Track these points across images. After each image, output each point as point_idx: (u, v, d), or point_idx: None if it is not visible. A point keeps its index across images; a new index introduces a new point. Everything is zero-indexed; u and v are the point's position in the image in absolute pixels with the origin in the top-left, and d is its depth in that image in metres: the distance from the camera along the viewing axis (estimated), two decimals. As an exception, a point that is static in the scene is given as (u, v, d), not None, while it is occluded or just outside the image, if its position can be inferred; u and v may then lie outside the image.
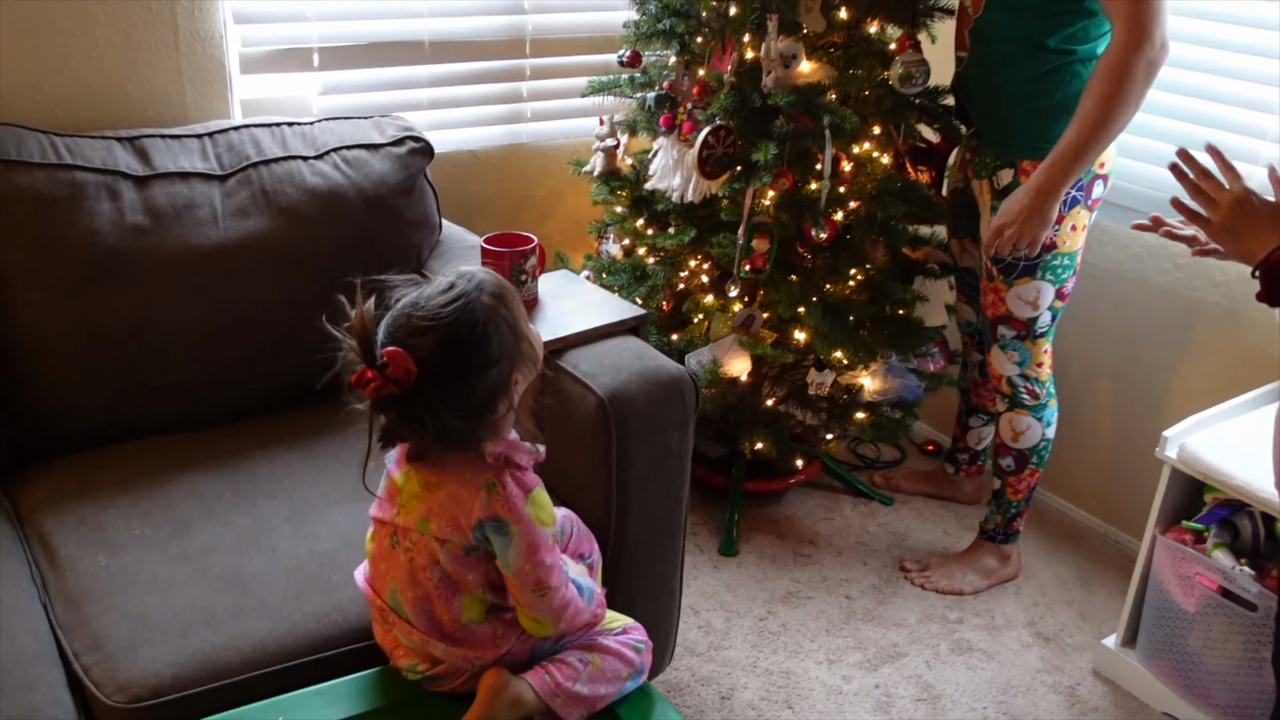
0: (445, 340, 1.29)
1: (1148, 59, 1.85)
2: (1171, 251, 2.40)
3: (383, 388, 1.27)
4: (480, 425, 1.35)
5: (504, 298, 1.37)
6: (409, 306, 1.33)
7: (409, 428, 1.33)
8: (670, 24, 2.21)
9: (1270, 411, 2.07)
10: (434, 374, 1.28)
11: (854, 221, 2.24)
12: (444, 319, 1.29)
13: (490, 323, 1.32)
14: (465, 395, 1.31)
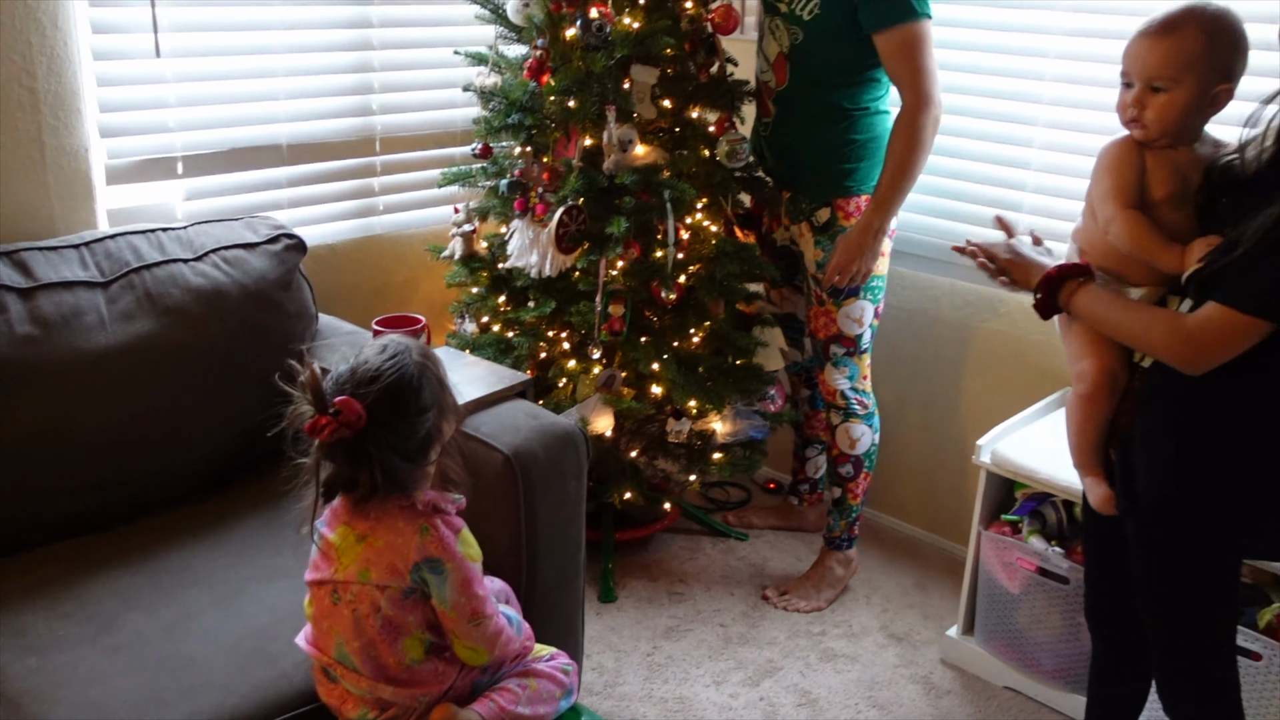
0: (389, 387, 1.46)
1: (932, 116, 2.31)
2: (961, 290, 2.79)
3: (337, 431, 1.42)
4: (418, 467, 1.51)
5: (431, 356, 1.56)
6: (351, 367, 1.49)
7: (358, 468, 1.47)
8: (518, 118, 2.43)
9: (1057, 416, 2.45)
10: (380, 417, 1.45)
11: (696, 283, 2.50)
12: (386, 370, 1.47)
13: (423, 375, 1.50)
14: (407, 436, 1.48)
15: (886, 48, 2.31)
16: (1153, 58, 1.55)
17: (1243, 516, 1.53)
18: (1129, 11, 2.34)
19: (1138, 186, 1.60)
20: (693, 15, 2.45)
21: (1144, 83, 1.57)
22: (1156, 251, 1.55)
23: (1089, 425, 1.69)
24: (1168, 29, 1.55)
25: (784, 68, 2.48)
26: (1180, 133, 1.59)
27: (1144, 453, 1.59)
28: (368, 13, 2.59)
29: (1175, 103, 1.55)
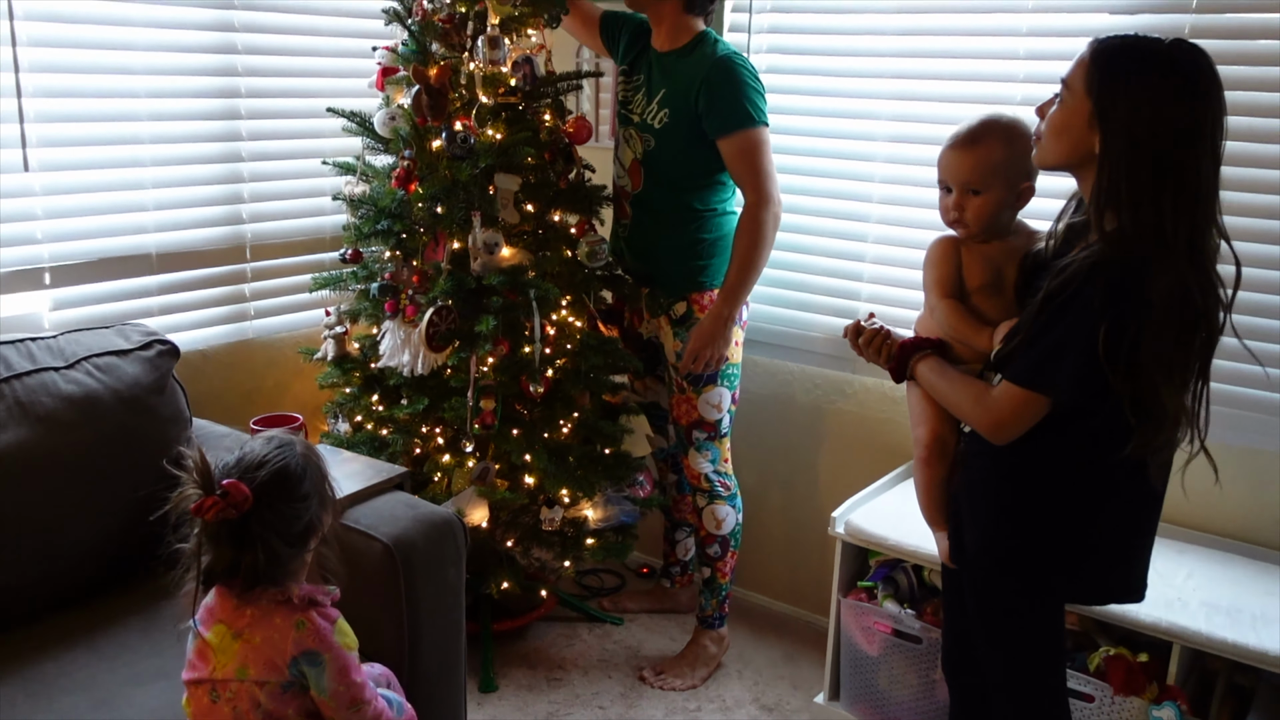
0: (275, 473, 1.54)
1: (773, 214, 2.54)
2: (811, 375, 2.99)
3: (223, 511, 1.48)
4: (299, 553, 1.58)
5: (313, 450, 1.64)
6: (238, 455, 1.57)
7: (241, 551, 1.52)
8: (387, 224, 2.55)
9: (903, 487, 2.64)
10: (266, 500, 1.52)
11: (563, 375, 2.63)
12: (272, 457, 1.55)
13: (307, 465, 1.59)
14: (291, 521, 1.56)
15: (729, 152, 2.53)
16: (965, 166, 1.80)
17: (1055, 561, 1.72)
18: (942, 120, 2.63)
19: (956, 278, 1.83)
20: (550, 127, 2.62)
21: (960, 187, 1.80)
22: (969, 334, 1.76)
23: (929, 485, 1.88)
24: (972, 141, 1.80)
25: (639, 173, 2.68)
26: (995, 227, 1.82)
27: (967, 507, 1.78)
28: (238, 126, 2.69)
29: (990, 202, 1.80)
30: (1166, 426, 1.54)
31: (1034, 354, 1.58)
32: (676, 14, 2.58)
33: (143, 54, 2.46)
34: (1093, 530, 1.67)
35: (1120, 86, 1.50)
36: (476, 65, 2.50)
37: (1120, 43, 1.53)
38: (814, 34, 2.85)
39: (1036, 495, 1.69)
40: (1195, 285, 1.49)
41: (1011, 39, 2.52)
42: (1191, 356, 1.53)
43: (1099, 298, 1.49)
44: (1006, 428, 1.63)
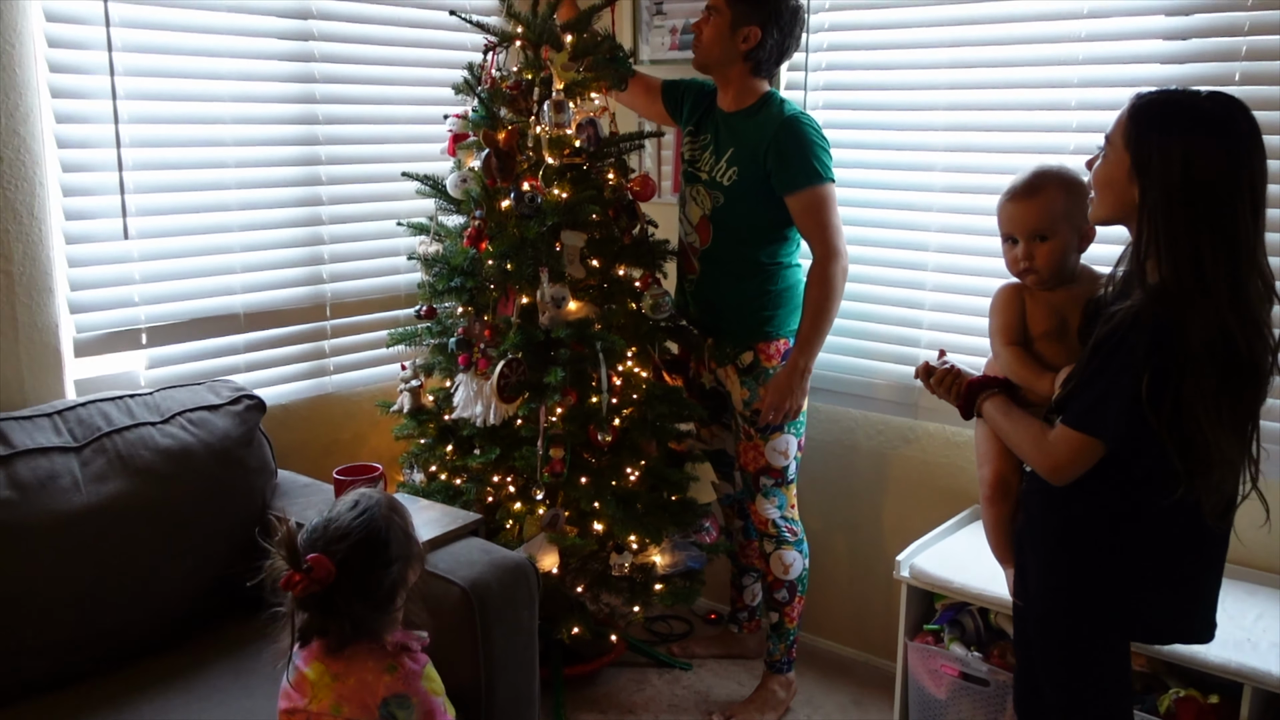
0: (357, 544, 1.61)
1: (841, 267, 2.62)
2: (873, 421, 3.03)
3: (309, 587, 1.56)
4: (386, 613, 1.65)
5: (398, 508, 1.72)
6: (324, 523, 1.65)
7: (329, 619, 1.61)
8: (459, 281, 2.66)
9: (968, 531, 2.67)
10: (349, 573, 1.59)
11: (630, 425, 2.70)
12: (356, 528, 1.62)
13: (390, 529, 1.66)
14: (374, 588, 1.63)
15: (797, 208, 2.62)
16: (1031, 215, 1.86)
17: (1113, 599, 1.74)
18: (995, 169, 2.68)
19: (1019, 325, 1.88)
20: (614, 185, 2.72)
21: (1027, 236, 1.87)
22: (1031, 379, 1.81)
23: (995, 523, 1.94)
24: (1032, 191, 1.87)
25: (707, 229, 2.77)
26: (1063, 273, 1.88)
27: (1028, 544, 1.82)
28: (318, 191, 2.83)
29: (1057, 247, 1.87)
30: (1215, 470, 1.57)
31: (1086, 398, 1.63)
32: (743, 77, 2.69)
33: (230, 126, 2.61)
34: (1149, 569, 1.69)
35: (1155, 140, 1.56)
36: (543, 129, 2.62)
37: (1157, 98, 1.60)
38: (867, 89, 2.93)
39: (1091, 534, 1.72)
40: (1239, 331, 1.53)
41: (1063, 90, 2.58)
42: (1240, 401, 1.56)
43: (1142, 347, 1.53)
44: (1063, 469, 1.68)
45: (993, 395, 1.85)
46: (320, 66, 2.79)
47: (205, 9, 2.53)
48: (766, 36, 2.61)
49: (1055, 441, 1.68)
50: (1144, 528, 1.68)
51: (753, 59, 2.65)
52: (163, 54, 2.48)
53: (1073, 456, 1.65)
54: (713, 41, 2.66)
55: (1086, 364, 1.62)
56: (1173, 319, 1.53)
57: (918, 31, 2.80)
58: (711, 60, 2.70)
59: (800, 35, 2.70)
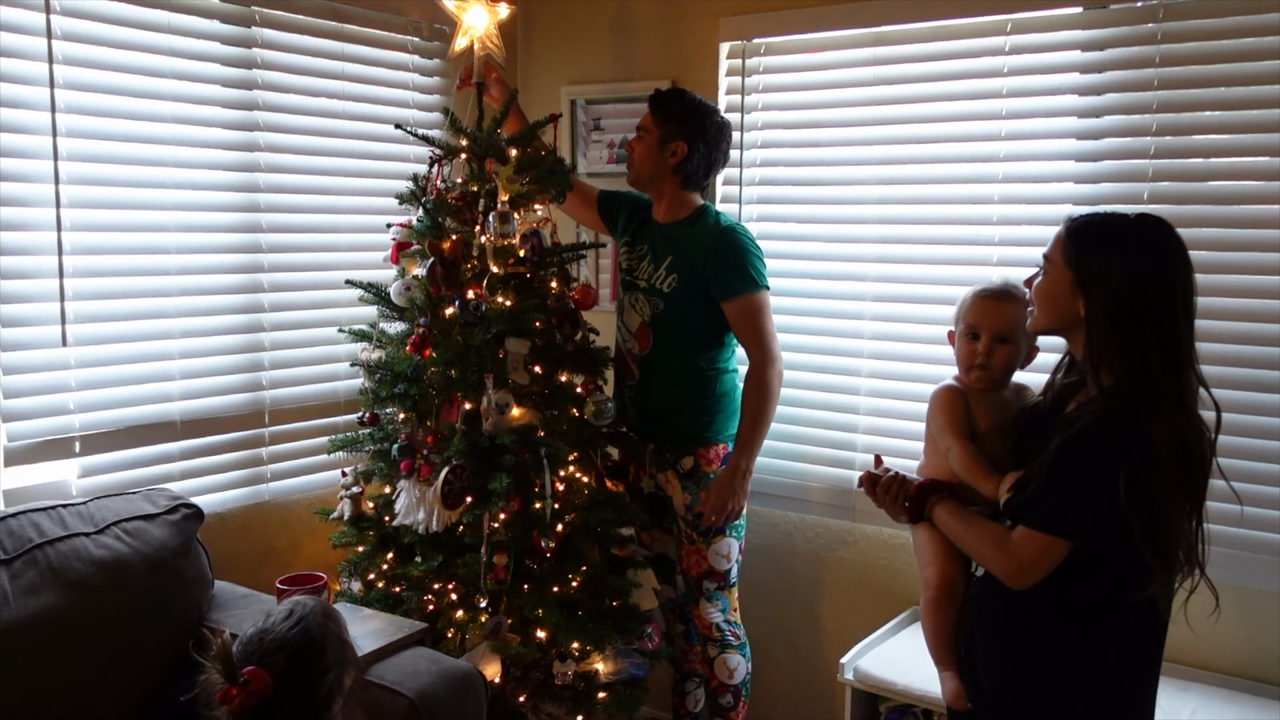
0: (293, 656, 1.60)
1: (777, 371, 2.73)
2: (812, 524, 3.08)
3: (246, 701, 1.53)
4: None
5: (332, 615, 1.71)
6: (260, 633, 1.62)
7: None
8: (403, 388, 2.67)
9: (909, 632, 2.70)
10: (286, 685, 1.58)
11: (573, 530, 2.70)
12: (291, 639, 1.61)
13: (325, 636, 1.65)
14: (311, 698, 1.62)
15: (734, 314, 2.73)
16: (1005, 316, 1.94)
17: (1075, 700, 1.77)
18: (922, 279, 2.80)
19: (965, 421, 1.94)
20: (557, 293, 2.78)
21: (992, 335, 1.94)
22: (979, 479, 1.86)
23: (937, 626, 1.95)
24: (1009, 296, 1.96)
25: (646, 335, 2.85)
26: (1006, 378, 1.97)
27: (982, 648, 1.85)
28: (260, 299, 2.84)
29: (1015, 353, 1.96)
30: (1178, 563, 1.64)
31: (1051, 500, 1.67)
32: (675, 190, 2.82)
33: (173, 234, 2.63)
34: (1108, 668, 1.74)
35: (1098, 261, 1.67)
36: (488, 238, 2.67)
37: (1093, 219, 1.72)
38: (799, 203, 3.07)
39: (1053, 637, 1.75)
40: (1190, 430, 1.62)
41: (985, 206, 2.72)
42: (1192, 496, 1.65)
43: (1113, 448, 1.61)
44: (1028, 572, 1.71)
45: (943, 499, 1.89)
46: (265, 176, 2.83)
47: (150, 120, 2.56)
48: (693, 151, 2.76)
49: (1019, 543, 1.71)
50: (1107, 629, 1.72)
51: (681, 172, 2.79)
52: (107, 162, 2.49)
53: (1037, 558, 1.69)
54: (644, 158, 2.81)
55: (1049, 467, 1.67)
56: (1136, 419, 1.61)
57: (846, 149, 2.95)
58: (644, 176, 2.85)
59: (727, 149, 2.85)
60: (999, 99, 2.68)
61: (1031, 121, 2.65)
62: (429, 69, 3.28)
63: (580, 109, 3.44)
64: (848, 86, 2.93)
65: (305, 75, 2.92)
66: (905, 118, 2.83)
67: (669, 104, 2.80)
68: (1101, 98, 2.56)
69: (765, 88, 3.07)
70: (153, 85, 2.55)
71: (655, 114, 2.81)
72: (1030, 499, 1.71)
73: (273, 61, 2.83)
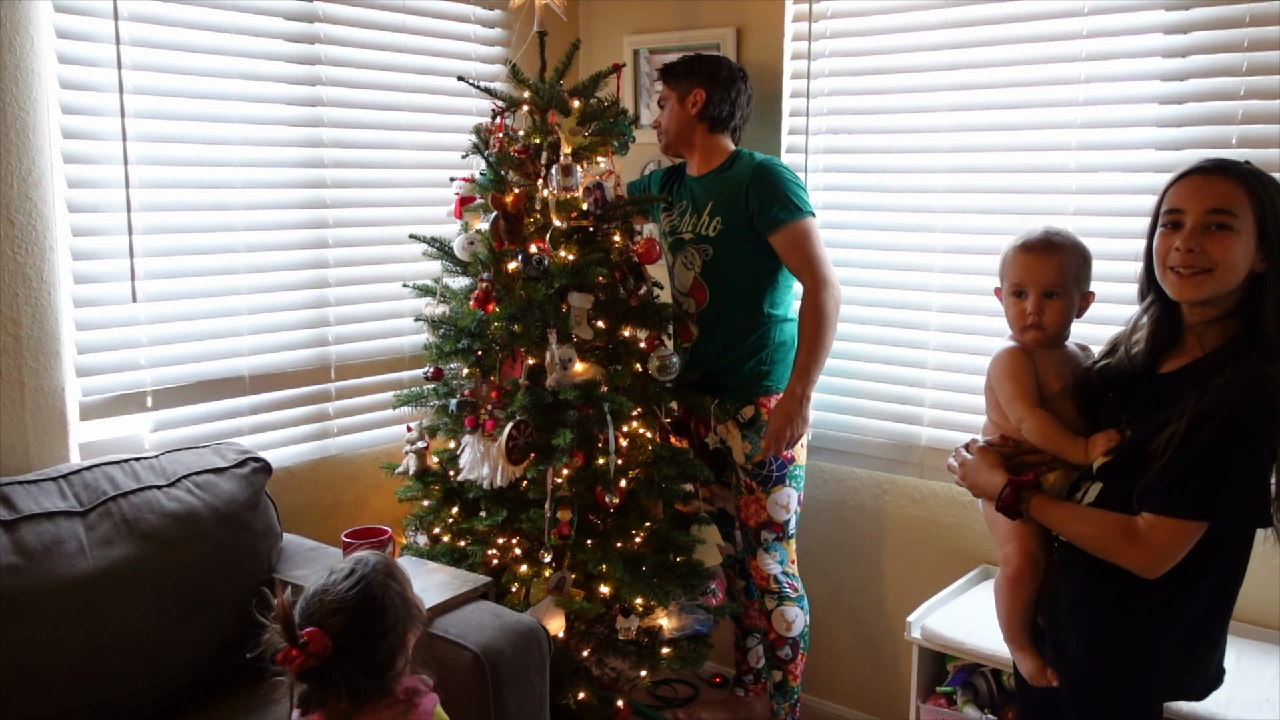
0: (353, 617, 1.60)
1: (833, 296, 2.72)
2: (878, 480, 3.03)
3: (306, 662, 1.54)
4: (385, 679, 1.63)
5: (394, 573, 1.70)
6: (320, 593, 1.63)
7: (328, 691, 1.58)
8: (467, 343, 2.66)
9: (978, 591, 2.65)
10: (346, 645, 1.58)
11: (636, 486, 2.69)
12: (350, 599, 1.60)
13: (385, 596, 1.64)
14: (371, 658, 1.61)
15: (783, 245, 2.72)
16: (1049, 269, 1.84)
17: (1158, 674, 1.72)
18: (995, 230, 2.72)
19: (1036, 387, 1.84)
20: (620, 247, 2.75)
21: (1039, 291, 1.85)
22: (1064, 445, 1.78)
23: (1016, 603, 1.86)
24: (1051, 247, 1.85)
25: (701, 288, 2.83)
26: (1062, 333, 1.88)
27: (1068, 619, 1.78)
28: (325, 254, 2.85)
29: (1066, 307, 1.86)
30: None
31: (1194, 482, 1.58)
32: (706, 139, 2.86)
33: (238, 190, 2.64)
34: (1201, 630, 1.68)
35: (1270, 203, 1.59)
36: (550, 192, 2.65)
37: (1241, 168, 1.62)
38: (867, 153, 2.98)
39: (1147, 600, 1.68)
40: None
41: (1062, 153, 2.62)
42: None
43: (1259, 418, 1.54)
44: (1163, 561, 1.61)
45: (1036, 497, 1.77)
46: (329, 132, 2.83)
47: (215, 76, 2.56)
48: (711, 93, 2.82)
49: (1153, 531, 1.61)
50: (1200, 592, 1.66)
51: (706, 117, 2.84)
52: (173, 120, 2.51)
53: (1173, 544, 1.60)
54: (670, 119, 2.89)
55: (1184, 444, 1.57)
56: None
57: (916, 96, 2.85)
58: (674, 136, 2.90)
59: (748, 94, 2.90)
60: (1079, 40, 2.56)
61: (1113, 63, 2.53)
62: (490, 20, 3.24)
63: (643, 59, 3.38)
64: (918, 30, 2.83)
65: (367, 29, 2.90)
66: (978, 62, 2.73)
67: (675, 68, 2.88)
68: (1188, 36, 2.43)
69: (833, 33, 2.98)
70: (216, 41, 2.55)
71: (666, 81, 2.90)
72: (1161, 481, 1.59)
73: (335, 15, 2.81)
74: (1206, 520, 1.59)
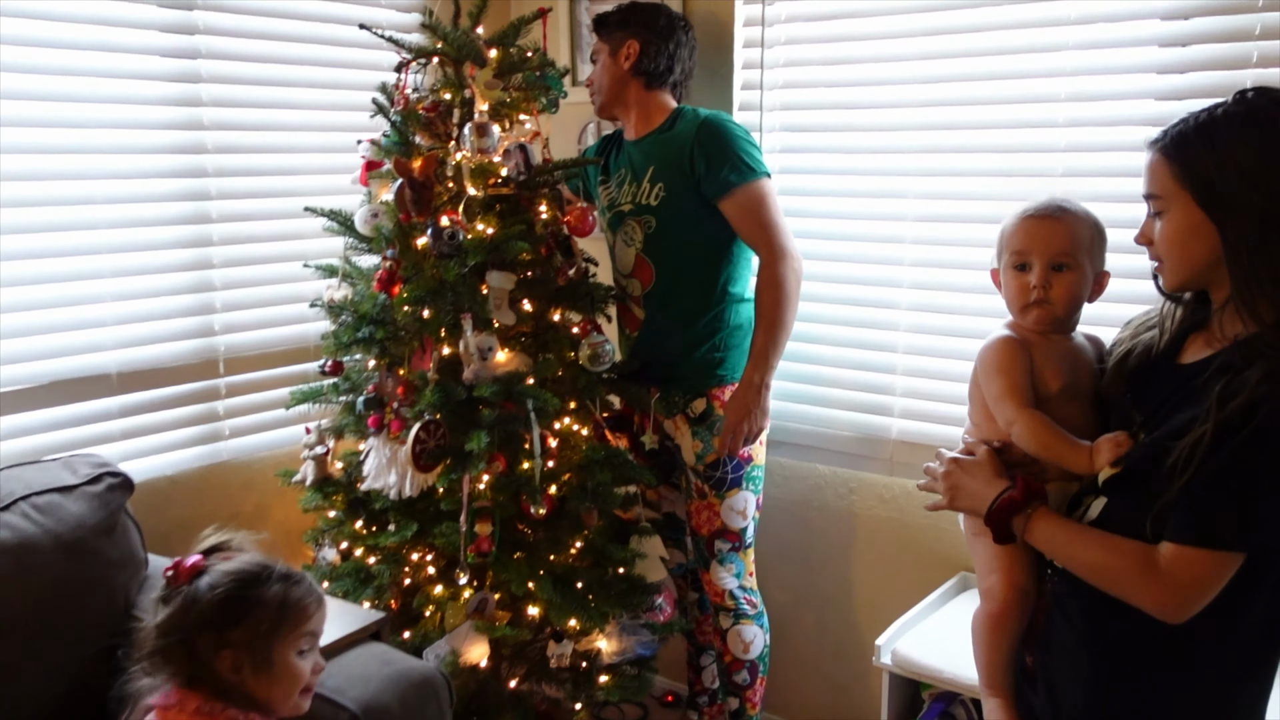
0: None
1: (792, 268, 2.38)
2: (843, 477, 2.71)
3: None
4: None
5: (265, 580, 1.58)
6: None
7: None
8: (368, 332, 2.31)
9: (956, 605, 2.34)
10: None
11: (568, 493, 2.36)
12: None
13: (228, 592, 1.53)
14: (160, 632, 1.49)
15: (734, 211, 2.38)
16: (1057, 237, 1.53)
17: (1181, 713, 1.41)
18: (974, 195, 2.39)
19: (1030, 384, 1.52)
20: (548, 219, 2.40)
21: (1046, 262, 1.53)
22: (1064, 452, 1.46)
23: (999, 644, 1.55)
24: (1060, 211, 1.55)
25: (646, 267, 2.51)
26: (1072, 316, 1.56)
27: (1065, 664, 1.46)
28: (208, 231, 2.48)
29: (1078, 282, 1.53)
30: None
31: (1223, 504, 1.26)
32: (642, 95, 2.52)
33: (100, 157, 2.26)
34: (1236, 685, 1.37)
35: (1216, 163, 1.27)
36: (464, 155, 2.30)
37: (1185, 125, 1.32)
38: (831, 109, 2.63)
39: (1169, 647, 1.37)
40: None
41: (1049, 106, 2.28)
42: None
43: None
44: (1191, 601, 1.29)
45: (1037, 511, 1.44)
46: (210, 88, 2.46)
47: (67, 21, 2.19)
48: (646, 45, 2.49)
49: (1176, 565, 1.29)
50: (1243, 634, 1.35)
51: (642, 71, 2.50)
52: (26, 73, 2.14)
53: (1203, 584, 1.28)
54: (602, 75, 2.56)
55: (1208, 458, 1.26)
56: None
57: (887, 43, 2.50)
58: (607, 95, 2.56)
59: (690, 45, 2.56)
60: (1069, -23, 2.23)
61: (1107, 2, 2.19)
62: (405, -39, 2.87)
63: (582, 6, 3.01)
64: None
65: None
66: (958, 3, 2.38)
67: (607, 18, 2.56)
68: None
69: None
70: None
71: (599, 33, 2.57)
72: (1184, 501, 1.28)
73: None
74: (1241, 551, 1.28)
